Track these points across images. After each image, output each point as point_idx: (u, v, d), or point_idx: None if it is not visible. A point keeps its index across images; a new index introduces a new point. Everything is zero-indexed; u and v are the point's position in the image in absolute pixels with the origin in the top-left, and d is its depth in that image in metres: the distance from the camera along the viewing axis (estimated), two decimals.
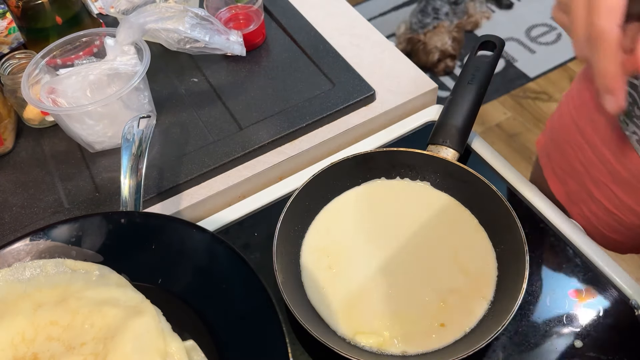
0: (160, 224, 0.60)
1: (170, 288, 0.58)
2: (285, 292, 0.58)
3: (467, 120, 0.71)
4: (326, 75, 0.83)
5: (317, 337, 0.55)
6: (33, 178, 0.75)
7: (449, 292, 0.61)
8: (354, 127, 0.79)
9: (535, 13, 2.39)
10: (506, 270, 0.61)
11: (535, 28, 2.33)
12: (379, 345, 0.58)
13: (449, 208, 0.68)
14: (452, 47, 2.14)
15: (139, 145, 0.64)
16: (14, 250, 0.58)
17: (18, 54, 0.79)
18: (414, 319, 0.59)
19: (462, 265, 0.63)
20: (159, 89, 0.84)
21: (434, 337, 0.58)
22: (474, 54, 0.75)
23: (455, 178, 0.68)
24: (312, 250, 0.65)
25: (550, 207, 0.69)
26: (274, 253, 0.60)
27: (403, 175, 0.71)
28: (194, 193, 0.73)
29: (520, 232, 0.60)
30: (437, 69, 2.18)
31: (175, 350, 0.51)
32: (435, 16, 2.18)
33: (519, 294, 0.55)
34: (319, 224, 0.68)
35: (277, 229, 0.62)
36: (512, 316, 0.54)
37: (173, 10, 0.73)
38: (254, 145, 0.75)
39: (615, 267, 0.63)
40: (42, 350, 0.51)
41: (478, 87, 0.72)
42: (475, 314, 0.59)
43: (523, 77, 2.15)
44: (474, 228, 0.66)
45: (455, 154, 0.69)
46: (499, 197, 0.63)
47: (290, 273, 0.62)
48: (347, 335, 0.59)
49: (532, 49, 2.24)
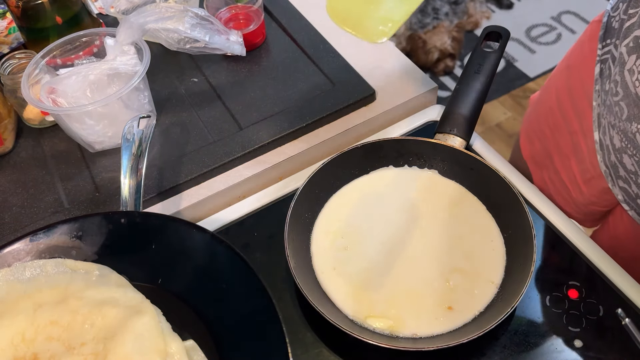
0: (160, 224, 0.60)
1: (170, 288, 0.58)
2: (298, 277, 0.59)
3: (474, 109, 0.72)
4: (326, 75, 0.83)
5: (329, 320, 0.55)
6: (33, 178, 0.75)
7: (457, 275, 0.62)
8: (354, 127, 0.79)
9: (535, 13, 2.39)
10: (514, 255, 0.62)
11: (535, 28, 2.33)
12: (390, 328, 0.58)
13: (457, 195, 0.69)
14: (451, 47, 2.14)
15: (139, 145, 0.64)
16: (14, 250, 0.58)
17: (18, 54, 0.79)
18: (422, 302, 0.60)
19: (470, 250, 0.64)
20: (159, 89, 0.84)
21: (442, 320, 0.59)
22: (480, 45, 0.76)
23: (462, 165, 0.69)
24: (325, 233, 0.66)
25: (550, 207, 0.69)
26: (285, 239, 0.61)
27: (411, 163, 0.72)
28: (194, 193, 0.73)
29: (528, 216, 0.61)
30: (437, 69, 2.18)
31: (175, 350, 0.51)
32: (435, 16, 2.18)
33: (527, 277, 0.56)
34: (329, 210, 0.69)
35: (287, 216, 0.63)
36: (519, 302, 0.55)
37: (173, 10, 0.73)
38: (254, 145, 0.75)
39: (615, 267, 0.63)
40: (42, 350, 0.51)
41: (484, 76, 0.73)
42: (484, 298, 0.60)
43: (523, 77, 2.15)
44: (481, 214, 0.67)
45: (463, 142, 0.70)
46: (506, 183, 0.64)
47: (301, 258, 0.63)
48: (358, 318, 0.59)
49: (532, 49, 2.24)
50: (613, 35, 0.63)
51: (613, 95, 0.61)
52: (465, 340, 0.54)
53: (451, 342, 0.54)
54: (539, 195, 0.71)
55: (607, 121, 0.63)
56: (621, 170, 0.63)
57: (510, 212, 0.64)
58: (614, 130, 0.62)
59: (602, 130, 0.65)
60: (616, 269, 0.63)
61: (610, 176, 0.66)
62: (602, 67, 0.65)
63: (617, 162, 0.63)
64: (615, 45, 0.62)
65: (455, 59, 2.19)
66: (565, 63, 0.76)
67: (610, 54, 0.64)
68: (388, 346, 0.55)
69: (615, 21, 0.63)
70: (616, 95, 0.60)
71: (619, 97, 0.60)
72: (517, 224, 0.63)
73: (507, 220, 0.65)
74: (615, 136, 0.62)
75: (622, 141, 0.61)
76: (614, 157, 0.63)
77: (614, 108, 0.61)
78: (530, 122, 0.85)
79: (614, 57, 0.62)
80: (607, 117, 0.63)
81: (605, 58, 0.65)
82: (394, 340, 0.58)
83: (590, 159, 0.71)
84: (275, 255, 0.65)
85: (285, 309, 0.61)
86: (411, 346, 0.57)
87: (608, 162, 0.66)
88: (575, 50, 0.74)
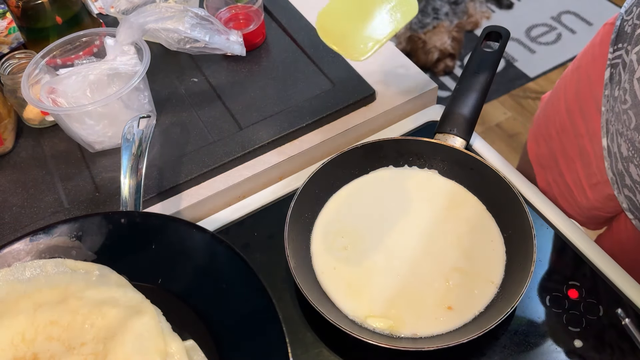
0: (160, 224, 0.60)
1: (170, 288, 0.58)
2: (298, 277, 0.59)
3: (474, 109, 0.72)
4: (326, 75, 0.83)
5: (329, 320, 0.56)
6: (33, 178, 0.75)
7: (457, 275, 0.62)
8: (354, 127, 0.79)
9: (535, 13, 2.39)
10: (514, 255, 0.62)
11: (535, 28, 2.33)
12: (390, 328, 0.59)
13: (457, 195, 0.69)
14: (451, 47, 2.14)
15: (139, 145, 0.64)
16: (14, 250, 0.58)
17: (18, 54, 0.79)
18: (422, 301, 0.60)
19: (470, 250, 0.64)
20: (159, 89, 0.84)
21: (442, 320, 0.59)
22: (480, 45, 0.76)
23: (462, 165, 0.69)
24: (325, 233, 0.67)
25: (550, 207, 0.69)
26: (285, 239, 0.61)
27: (411, 163, 0.72)
28: (194, 193, 0.73)
29: (528, 216, 0.61)
30: (437, 69, 2.18)
31: (175, 350, 0.51)
32: (435, 16, 2.18)
33: (527, 277, 0.57)
34: (329, 210, 0.69)
35: (287, 216, 0.63)
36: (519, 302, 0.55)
37: (173, 10, 0.73)
38: (254, 145, 0.75)
39: (615, 267, 0.63)
40: (42, 350, 0.51)
41: (484, 76, 0.73)
42: (484, 298, 0.60)
43: (523, 77, 2.15)
44: (481, 214, 0.67)
45: (463, 142, 0.70)
46: (506, 183, 0.64)
47: (301, 258, 0.63)
48: (358, 318, 0.59)
49: (532, 49, 2.24)
50: (625, 40, 0.62)
51: (622, 102, 0.60)
52: (465, 340, 0.54)
53: (451, 342, 0.54)
54: (539, 195, 0.71)
55: (615, 128, 0.63)
56: (627, 179, 0.62)
57: (510, 212, 0.64)
58: (621, 139, 0.61)
59: (610, 137, 0.65)
60: (616, 269, 0.63)
61: (616, 184, 0.66)
62: (613, 71, 0.65)
63: (623, 171, 0.63)
64: (627, 51, 0.62)
65: (455, 59, 2.19)
66: (576, 64, 0.76)
67: (621, 58, 0.63)
68: (388, 346, 0.55)
69: (628, 25, 0.62)
70: (625, 104, 0.60)
71: (627, 105, 0.59)
72: (517, 224, 0.63)
73: (507, 220, 0.65)
74: (622, 144, 0.61)
75: (629, 150, 0.60)
76: (621, 165, 0.63)
77: (622, 116, 0.61)
78: (538, 124, 0.84)
79: (624, 63, 0.62)
80: (615, 125, 0.63)
81: (616, 62, 0.64)
82: (394, 340, 0.58)
83: (597, 164, 0.70)
84: (275, 255, 0.65)
85: (285, 309, 0.61)
86: (411, 346, 0.57)
87: (615, 170, 0.65)
88: (587, 53, 0.74)
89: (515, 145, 1.95)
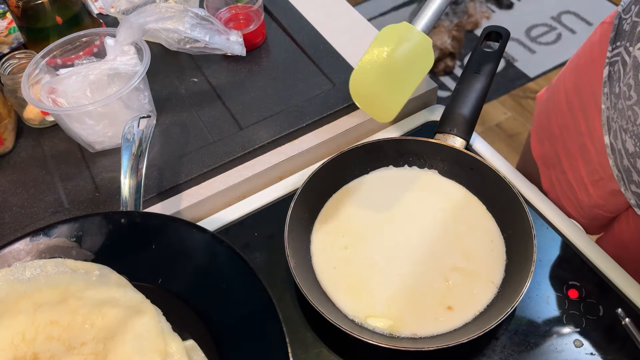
0: (160, 224, 0.60)
1: (170, 288, 0.58)
2: (298, 277, 0.59)
3: (474, 109, 0.72)
4: (326, 75, 0.83)
5: (329, 320, 0.56)
6: (33, 178, 0.75)
7: (457, 275, 0.62)
8: (354, 127, 0.79)
9: (535, 13, 2.39)
10: (514, 255, 0.62)
11: (535, 28, 2.33)
12: (390, 328, 0.59)
13: (457, 195, 0.69)
14: (451, 47, 2.14)
15: (139, 145, 0.64)
16: (14, 250, 0.58)
17: (18, 54, 0.79)
18: (422, 301, 0.60)
19: (470, 250, 0.64)
20: (159, 89, 0.84)
21: (442, 320, 0.59)
22: (480, 45, 0.76)
23: (462, 166, 0.69)
24: (325, 233, 0.67)
25: (550, 207, 0.69)
26: (285, 239, 0.61)
27: (411, 163, 0.72)
28: (194, 193, 0.73)
29: (528, 216, 0.61)
30: (437, 69, 2.18)
31: (175, 350, 0.51)
32: None
33: (527, 277, 0.57)
34: (329, 210, 0.69)
35: (287, 216, 0.63)
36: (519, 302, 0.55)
37: (173, 10, 0.73)
38: (254, 145, 0.75)
39: (615, 267, 0.63)
40: (42, 350, 0.51)
41: (484, 76, 0.73)
42: (484, 298, 0.60)
43: (523, 77, 2.15)
44: (481, 214, 0.67)
45: (463, 142, 0.71)
46: (506, 183, 0.64)
47: (301, 258, 0.63)
48: (358, 318, 0.60)
49: (532, 49, 2.24)
50: (624, 38, 0.63)
51: (626, 99, 0.60)
52: (465, 340, 0.54)
53: (451, 342, 0.54)
54: (539, 195, 0.71)
55: (618, 125, 0.63)
56: (635, 175, 0.62)
57: (510, 212, 0.64)
58: (626, 135, 0.61)
59: (612, 134, 0.65)
60: (616, 269, 0.63)
61: (622, 180, 0.66)
62: (611, 69, 0.65)
63: (630, 167, 0.63)
64: (626, 48, 0.62)
65: (455, 59, 2.19)
66: (575, 63, 0.76)
67: (620, 56, 0.63)
68: (388, 346, 0.55)
69: (626, 24, 0.63)
70: (629, 99, 0.60)
71: (633, 101, 0.59)
72: (517, 224, 0.63)
73: (507, 220, 0.65)
74: (628, 140, 0.61)
75: (636, 146, 0.60)
76: (627, 161, 0.63)
77: (626, 112, 0.60)
78: (540, 122, 0.84)
79: (623, 60, 0.62)
80: (618, 121, 0.63)
81: (614, 60, 0.64)
82: (394, 340, 0.58)
83: (599, 160, 0.70)
84: (275, 255, 0.65)
85: (285, 309, 0.61)
86: (411, 346, 0.57)
87: (620, 167, 0.65)
88: (585, 51, 0.74)
89: (515, 145, 1.95)
